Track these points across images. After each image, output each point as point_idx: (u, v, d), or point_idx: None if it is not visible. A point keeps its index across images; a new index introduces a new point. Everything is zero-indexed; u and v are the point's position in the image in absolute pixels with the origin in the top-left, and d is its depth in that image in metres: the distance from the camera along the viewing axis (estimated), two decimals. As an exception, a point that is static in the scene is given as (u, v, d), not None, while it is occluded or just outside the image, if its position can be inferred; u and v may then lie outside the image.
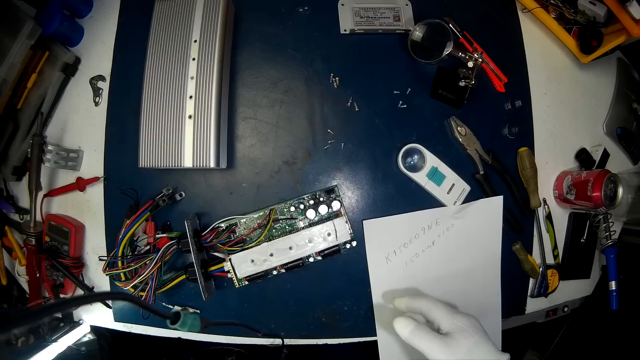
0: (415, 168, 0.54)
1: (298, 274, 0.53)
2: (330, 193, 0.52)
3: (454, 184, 0.54)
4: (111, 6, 0.57)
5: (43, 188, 0.55)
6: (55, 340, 0.53)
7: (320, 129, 0.54)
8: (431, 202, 0.54)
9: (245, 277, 0.50)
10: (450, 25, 0.53)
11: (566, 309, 0.62)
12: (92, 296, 0.27)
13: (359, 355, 0.73)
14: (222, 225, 0.51)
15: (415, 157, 0.54)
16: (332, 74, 0.54)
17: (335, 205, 0.52)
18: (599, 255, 0.62)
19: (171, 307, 0.53)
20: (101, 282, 0.56)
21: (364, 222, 0.53)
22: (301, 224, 0.52)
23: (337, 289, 0.54)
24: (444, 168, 0.54)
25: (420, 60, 0.53)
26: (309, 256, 0.51)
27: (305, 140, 0.54)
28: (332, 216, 0.52)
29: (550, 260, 0.59)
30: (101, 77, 0.56)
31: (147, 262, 0.47)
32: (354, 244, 0.52)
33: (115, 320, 0.56)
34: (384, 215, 0.53)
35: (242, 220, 0.51)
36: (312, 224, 0.52)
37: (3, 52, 0.49)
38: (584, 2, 0.55)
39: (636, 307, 0.61)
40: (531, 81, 0.59)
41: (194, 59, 0.48)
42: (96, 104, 0.56)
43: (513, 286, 0.57)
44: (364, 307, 0.54)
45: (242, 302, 0.53)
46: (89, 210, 0.56)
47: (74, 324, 0.56)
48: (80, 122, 0.56)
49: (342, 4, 0.55)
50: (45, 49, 0.54)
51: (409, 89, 0.55)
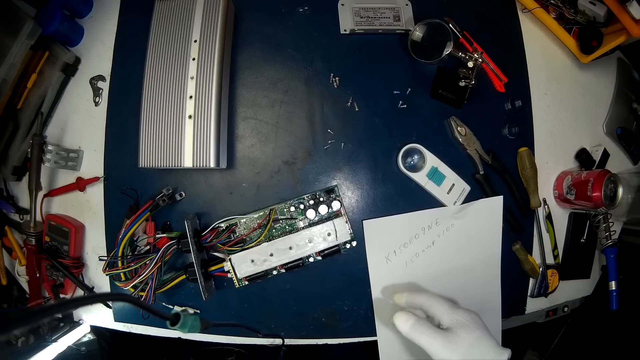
0: (415, 168, 0.54)
1: (298, 274, 0.53)
2: (330, 193, 0.52)
3: (454, 184, 0.54)
4: (111, 6, 0.57)
5: (43, 188, 0.55)
6: (55, 340, 0.53)
7: (320, 129, 0.54)
8: (431, 202, 0.54)
9: (245, 277, 0.50)
10: (450, 25, 0.53)
11: (566, 309, 0.62)
12: (92, 297, 0.27)
13: (359, 355, 0.73)
14: (222, 225, 0.51)
15: (415, 157, 0.54)
16: (332, 74, 0.54)
17: (335, 205, 0.52)
18: (599, 255, 0.62)
19: (171, 307, 0.53)
20: (101, 282, 0.56)
21: (364, 222, 0.53)
22: (301, 224, 0.52)
23: (337, 289, 0.54)
24: (444, 168, 0.54)
25: (420, 60, 0.53)
26: (309, 256, 0.51)
27: (305, 140, 0.54)
28: (332, 216, 0.52)
29: (550, 260, 0.59)
30: (101, 77, 0.56)
31: (147, 262, 0.47)
32: (354, 244, 0.52)
33: (115, 320, 0.56)
34: (384, 215, 0.53)
35: (242, 220, 0.51)
36: (312, 224, 0.52)
37: (3, 52, 0.49)
38: (584, 2, 0.55)
39: (636, 307, 0.61)
40: (531, 81, 0.59)
41: (194, 59, 0.48)
42: (96, 104, 0.56)
43: (513, 286, 0.57)
44: (364, 307, 0.54)
45: (242, 302, 0.53)
46: (89, 210, 0.56)
47: (74, 324, 0.56)
48: (80, 122, 0.56)
49: (342, 4, 0.55)
50: (45, 49, 0.54)
51: (409, 89, 0.55)
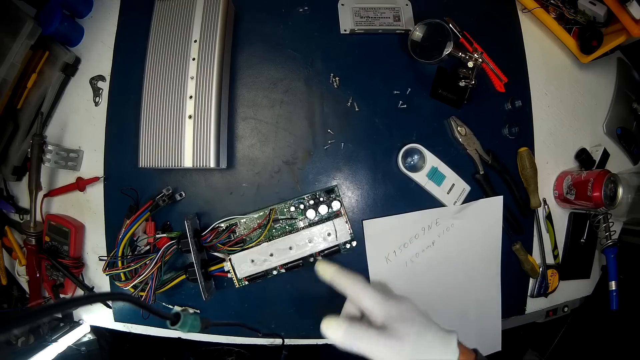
0: (415, 168, 0.54)
1: (298, 274, 0.53)
2: (330, 193, 0.52)
3: (454, 184, 0.54)
4: (111, 6, 0.57)
5: (43, 188, 0.55)
6: (55, 340, 0.53)
7: (320, 129, 0.54)
8: (431, 202, 0.54)
9: (245, 277, 0.50)
10: (450, 25, 0.53)
11: (566, 309, 0.62)
12: (92, 297, 0.27)
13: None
14: (222, 225, 0.51)
15: (415, 157, 0.54)
16: (332, 74, 0.54)
17: (335, 205, 0.52)
18: (599, 255, 0.62)
19: (171, 307, 0.53)
20: (101, 282, 0.56)
21: (364, 222, 0.53)
22: (301, 224, 0.52)
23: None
24: (444, 168, 0.54)
25: (420, 60, 0.53)
26: (309, 256, 0.51)
27: (305, 140, 0.54)
28: (332, 216, 0.52)
29: (550, 260, 0.59)
30: (101, 77, 0.56)
31: (147, 262, 0.47)
32: (354, 244, 0.52)
33: (115, 320, 0.56)
34: (384, 215, 0.53)
35: (242, 220, 0.51)
36: (312, 224, 0.52)
37: (3, 52, 0.49)
38: (584, 2, 0.55)
39: (636, 307, 0.61)
40: (531, 81, 0.59)
41: (194, 59, 0.48)
42: (96, 104, 0.56)
43: (513, 286, 0.57)
44: (364, 307, 0.54)
45: (242, 302, 0.53)
46: (89, 210, 0.56)
47: (74, 324, 0.56)
48: (80, 122, 0.56)
49: (342, 4, 0.55)
50: (45, 49, 0.54)
51: (409, 89, 0.55)
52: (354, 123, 0.54)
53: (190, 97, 0.47)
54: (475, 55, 0.53)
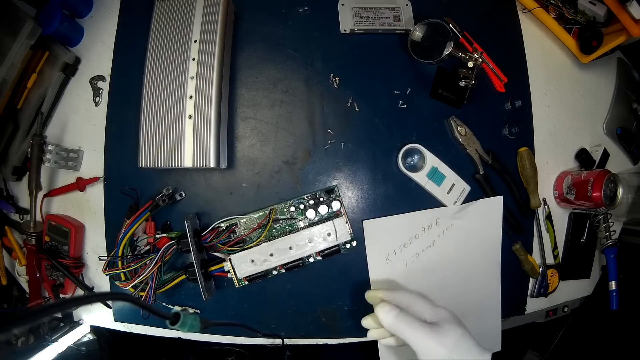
0: (415, 168, 0.54)
1: (298, 274, 0.53)
2: (330, 193, 0.52)
3: (454, 184, 0.54)
4: (111, 6, 0.57)
5: (43, 188, 0.55)
6: (55, 340, 0.53)
7: (320, 129, 0.54)
8: (431, 202, 0.54)
9: (245, 277, 0.50)
10: (450, 25, 0.53)
11: (566, 309, 0.62)
12: (92, 296, 0.27)
13: (359, 355, 0.73)
14: (222, 225, 0.51)
15: (415, 157, 0.54)
16: (332, 74, 0.54)
17: (335, 205, 0.52)
18: (599, 255, 0.62)
19: (171, 307, 0.53)
20: (101, 282, 0.56)
21: (364, 222, 0.53)
22: (301, 224, 0.52)
23: (337, 289, 0.54)
24: (444, 168, 0.54)
25: (420, 60, 0.53)
26: (309, 256, 0.51)
27: (305, 140, 0.54)
28: (332, 216, 0.52)
29: (550, 260, 0.59)
30: (101, 77, 0.56)
31: (147, 262, 0.47)
32: (354, 244, 0.52)
33: (115, 320, 0.56)
34: (384, 215, 0.53)
35: (242, 220, 0.51)
36: (312, 224, 0.52)
37: (3, 52, 0.49)
38: (584, 2, 0.55)
39: (636, 307, 0.61)
40: (531, 81, 0.59)
41: (194, 59, 0.48)
42: (96, 104, 0.56)
43: (513, 286, 0.57)
44: (363, 307, 0.54)
45: (242, 302, 0.53)
46: (89, 210, 0.56)
47: (74, 324, 0.56)
48: (80, 122, 0.56)
49: (342, 4, 0.55)
50: (45, 49, 0.54)
51: (409, 89, 0.55)
52: (354, 123, 0.54)
53: (190, 97, 0.47)
54: (475, 55, 0.53)
